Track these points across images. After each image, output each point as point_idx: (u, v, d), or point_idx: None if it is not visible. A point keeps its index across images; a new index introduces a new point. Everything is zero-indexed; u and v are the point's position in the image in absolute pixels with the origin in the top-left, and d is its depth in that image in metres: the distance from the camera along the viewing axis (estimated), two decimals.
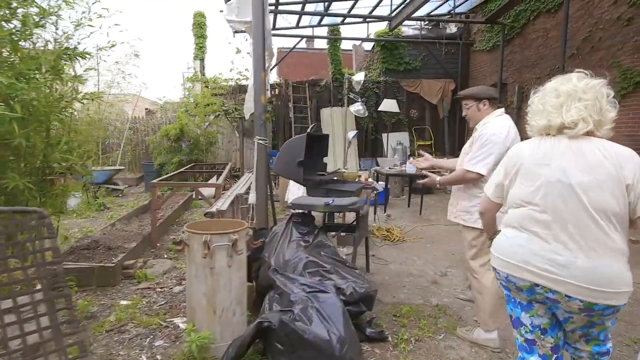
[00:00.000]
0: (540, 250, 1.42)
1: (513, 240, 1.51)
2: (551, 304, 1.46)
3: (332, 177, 3.48)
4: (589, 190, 1.39)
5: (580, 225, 1.39)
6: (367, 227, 3.47)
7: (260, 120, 2.72)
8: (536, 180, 1.47)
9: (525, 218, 1.49)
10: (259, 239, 2.83)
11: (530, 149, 1.55)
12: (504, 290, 1.62)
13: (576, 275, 1.36)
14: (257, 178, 2.78)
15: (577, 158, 1.43)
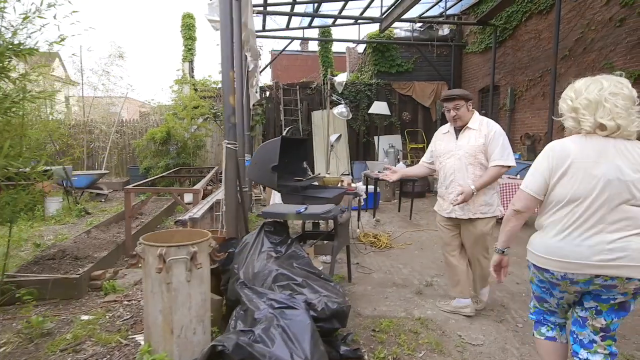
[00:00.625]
0: (597, 244, 1.52)
1: (565, 241, 1.58)
2: (604, 290, 1.56)
3: (311, 183, 3.31)
4: (638, 186, 1.52)
5: (631, 215, 1.52)
6: (347, 235, 3.31)
7: (228, 122, 2.55)
8: (592, 179, 1.54)
9: (576, 215, 1.56)
10: (228, 249, 2.65)
11: (579, 147, 1.60)
12: (539, 283, 1.75)
13: (632, 256, 1.49)
14: (226, 184, 2.60)
15: (628, 157, 1.54)
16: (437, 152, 2.96)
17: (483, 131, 2.75)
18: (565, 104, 1.70)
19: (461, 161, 2.78)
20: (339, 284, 3.36)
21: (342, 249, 3.37)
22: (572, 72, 7.14)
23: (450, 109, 2.79)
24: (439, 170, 2.95)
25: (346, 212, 3.22)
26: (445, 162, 2.87)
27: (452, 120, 2.84)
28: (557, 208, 1.63)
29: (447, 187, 2.86)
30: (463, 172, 2.77)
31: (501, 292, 3.45)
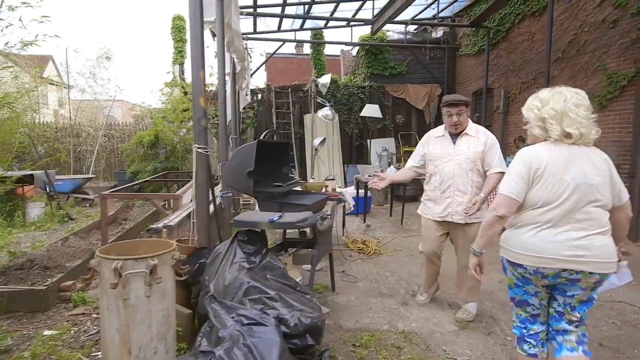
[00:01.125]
0: (565, 240, 1.66)
1: (538, 238, 1.70)
2: (568, 284, 1.72)
3: (291, 188, 3.16)
4: (600, 189, 1.69)
5: (594, 215, 1.68)
6: (329, 243, 3.16)
7: (198, 125, 2.40)
8: (563, 183, 1.68)
9: (548, 215, 1.70)
10: (199, 260, 2.50)
11: (550, 154, 1.72)
12: (516, 280, 1.84)
13: (596, 253, 1.65)
14: (196, 191, 2.46)
15: (590, 163, 1.70)
16: (432, 155, 2.92)
17: (482, 139, 2.82)
18: (533, 113, 1.81)
19: (461, 167, 2.80)
20: (317, 296, 3.22)
21: (325, 257, 3.23)
22: (566, 75, 7.05)
23: (454, 114, 2.80)
24: (434, 173, 2.90)
25: (328, 219, 3.08)
26: (443, 166, 2.85)
27: (453, 125, 2.83)
28: (531, 209, 1.75)
29: (444, 191, 2.85)
30: (463, 178, 2.80)
31: (491, 302, 3.31)
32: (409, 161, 3.16)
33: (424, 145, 3.03)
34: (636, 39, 5.67)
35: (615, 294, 3.46)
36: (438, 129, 3.03)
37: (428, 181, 2.99)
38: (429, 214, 2.97)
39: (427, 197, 3.00)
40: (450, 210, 2.84)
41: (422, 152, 3.01)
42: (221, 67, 4.25)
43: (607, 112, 6.22)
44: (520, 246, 1.74)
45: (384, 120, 10.88)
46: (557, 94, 1.77)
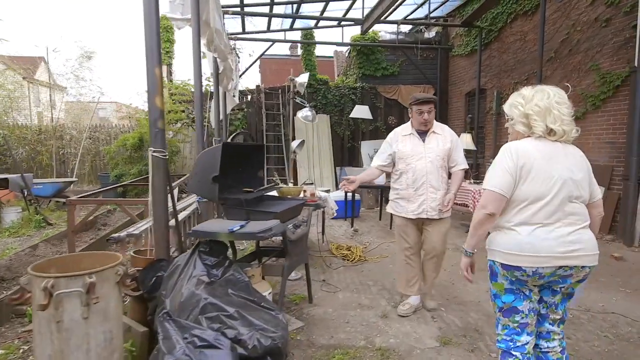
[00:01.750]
0: (559, 236, 1.65)
1: (534, 236, 1.66)
2: (560, 280, 1.71)
3: (263, 194, 2.97)
4: (582, 183, 1.71)
5: (577, 210, 1.70)
6: (304, 253, 2.97)
7: (155, 127, 2.21)
8: (551, 179, 1.67)
9: (540, 213, 1.67)
10: (157, 273, 2.31)
11: (536, 149, 1.70)
12: (509, 285, 1.76)
13: (585, 247, 1.67)
14: (153, 198, 2.26)
15: (573, 160, 1.73)
16: (402, 153, 2.95)
17: (448, 137, 2.95)
18: (517, 109, 1.79)
19: (433, 164, 2.88)
20: (293, 308, 3.02)
21: (300, 266, 3.03)
22: (558, 75, 6.90)
23: (425, 112, 2.87)
24: (406, 172, 2.93)
25: (303, 226, 2.89)
26: (415, 164, 2.90)
27: (423, 123, 2.91)
28: (522, 207, 1.70)
29: (418, 188, 2.90)
30: (435, 174, 2.88)
31: (477, 313, 3.12)
32: (374, 160, 3.14)
33: (391, 143, 3.03)
34: (630, 37, 5.52)
35: (608, 305, 3.29)
36: (405, 127, 3.05)
37: (398, 179, 3.00)
38: (402, 212, 2.99)
39: (398, 195, 3.00)
40: (425, 206, 2.90)
41: (390, 150, 3.01)
42: (197, 66, 4.05)
43: (600, 112, 6.06)
44: (517, 247, 1.68)
45: (375, 122, 10.70)
46: (540, 91, 1.77)
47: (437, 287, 3.67)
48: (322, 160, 10.14)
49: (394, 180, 3.05)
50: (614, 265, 4.37)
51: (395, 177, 3.03)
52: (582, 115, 6.33)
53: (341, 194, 6.69)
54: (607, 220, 5.75)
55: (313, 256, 4.47)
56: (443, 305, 3.28)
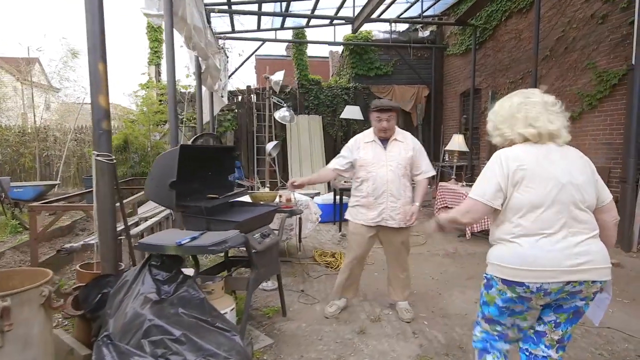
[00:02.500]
0: (565, 248, 1.49)
1: (537, 248, 1.51)
2: (568, 297, 1.55)
3: (228, 200, 2.75)
4: (585, 187, 1.56)
5: (584, 218, 1.54)
6: (274, 264, 2.75)
7: (99, 129, 2.00)
8: (548, 183, 1.53)
9: (541, 222, 1.52)
10: (102, 290, 2.09)
11: (527, 154, 1.59)
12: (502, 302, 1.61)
13: (595, 259, 1.50)
14: (98, 208, 2.04)
15: (571, 162, 1.60)
16: (363, 161, 2.88)
17: (410, 144, 2.89)
18: (490, 125, 1.76)
19: (395, 172, 2.82)
20: (265, 322, 2.80)
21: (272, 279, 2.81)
22: (554, 74, 6.69)
23: (383, 120, 2.80)
24: (367, 179, 2.86)
25: (272, 235, 2.67)
26: (377, 172, 2.83)
27: (382, 130, 2.83)
28: (520, 216, 1.56)
29: (378, 197, 2.84)
30: (396, 183, 2.82)
31: (462, 327, 2.90)
32: (332, 162, 3.05)
33: (352, 150, 2.97)
34: (627, 34, 5.31)
35: (603, 318, 3.05)
36: (367, 134, 2.97)
37: (359, 187, 2.93)
38: (360, 220, 2.93)
39: (358, 203, 2.95)
40: (385, 215, 2.85)
41: (351, 157, 2.95)
42: (169, 64, 3.84)
43: (597, 112, 5.85)
44: (519, 261, 1.52)
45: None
46: (506, 100, 1.72)
47: (423, 298, 3.46)
48: (314, 162, 9.93)
49: (354, 187, 2.99)
50: (614, 272, 4.16)
51: (356, 184, 2.96)
52: (578, 116, 6.13)
53: (330, 197, 6.47)
54: None
55: (294, 264, 4.26)
56: (427, 318, 3.06)
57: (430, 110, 10.52)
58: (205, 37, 5.35)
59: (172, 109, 3.88)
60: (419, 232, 5.91)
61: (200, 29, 4.97)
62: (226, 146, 3.18)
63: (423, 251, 5.02)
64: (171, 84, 3.96)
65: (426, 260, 4.66)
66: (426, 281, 3.93)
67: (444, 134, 10.39)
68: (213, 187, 2.92)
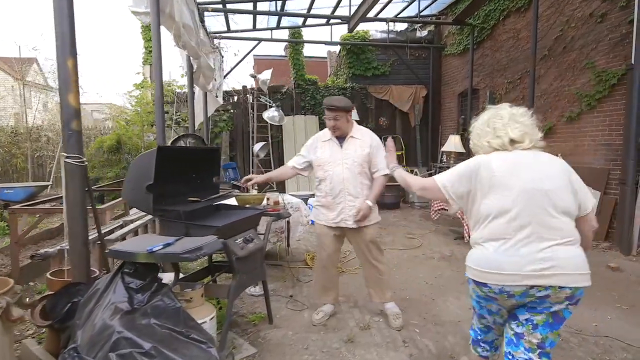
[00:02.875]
0: (529, 253, 1.54)
1: (501, 252, 1.58)
2: (538, 301, 1.57)
3: (211, 203, 2.65)
4: (557, 193, 1.59)
5: (554, 223, 1.56)
6: (258, 270, 2.64)
7: (68, 129, 1.90)
8: (512, 190, 1.59)
9: (506, 227, 1.58)
10: (72, 299, 1.98)
11: (500, 161, 1.66)
12: (477, 298, 1.75)
13: (562, 265, 1.53)
14: (68, 214, 1.94)
15: (541, 167, 1.64)
16: (320, 160, 2.86)
17: (367, 141, 2.82)
18: (471, 143, 1.88)
19: (351, 170, 2.77)
20: (250, 330, 2.70)
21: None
22: (552, 73, 6.59)
23: (331, 119, 2.76)
24: (324, 179, 2.84)
25: (256, 240, 2.57)
26: (333, 170, 2.80)
27: (331, 129, 2.81)
28: (488, 221, 1.64)
29: (336, 196, 2.80)
30: (353, 181, 2.77)
31: (455, 336, 2.80)
32: (292, 160, 3.04)
33: (309, 149, 2.95)
34: (626, 33, 5.21)
35: (602, 324, 2.96)
36: (325, 133, 2.93)
37: (318, 186, 2.91)
38: (323, 220, 2.91)
39: (319, 203, 2.93)
40: (344, 215, 2.81)
41: (309, 157, 2.93)
42: (156, 61, 3.74)
43: (595, 113, 5.75)
44: (485, 264, 1.62)
45: (366, 123, 10.39)
46: (479, 120, 1.86)
47: (416, 304, 3.36)
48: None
49: (315, 187, 2.98)
50: (609, 277, 4.06)
51: (316, 184, 2.95)
52: (577, 116, 6.03)
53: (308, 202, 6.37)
54: (604, 227, 5.43)
55: (285, 268, 4.16)
56: (419, 325, 2.96)
57: (428, 111, 10.42)
58: (196, 36, 5.24)
59: (160, 108, 3.78)
60: (414, 235, 5.82)
61: (191, 27, 4.87)
62: (209, 147, 3.08)
63: (418, 254, 4.91)
64: (158, 83, 3.85)
65: (421, 263, 4.56)
66: (420, 286, 3.83)
67: (441, 135, 10.28)
68: (198, 190, 2.82)
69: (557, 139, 6.46)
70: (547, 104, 6.68)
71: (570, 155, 6.19)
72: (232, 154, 9.86)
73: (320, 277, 3.04)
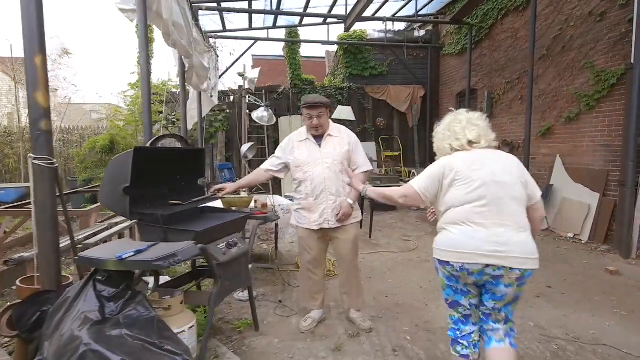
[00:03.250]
0: (486, 236, 1.77)
1: (462, 234, 1.80)
2: (494, 282, 1.81)
3: (196, 206, 2.55)
4: (511, 186, 1.84)
5: (509, 212, 1.81)
6: (242, 275, 2.53)
7: (36, 129, 1.80)
8: (474, 182, 1.83)
9: (468, 214, 1.81)
10: (42, 308, 1.89)
11: (461, 160, 1.91)
12: (447, 280, 1.93)
13: (514, 249, 1.76)
14: (36, 218, 1.84)
15: (498, 163, 1.89)
16: (299, 161, 2.75)
17: (345, 138, 2.77)
18: (434, 146, 2.09)
19: (331, 169, 2.69)
20: (235, 337, 2.59)
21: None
22: (551, 73, 6.49)
23: (314, 117, 2.68)
24: (304, 180, 2.72)
25: (240, 244, 2.47)
26: (313, 171, 2.69)
27: (313, 128, 2.71)
28: (452, 208, 1.86)
29: (317, 197, 2.70)
30: (334, 181, 2.70)
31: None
32: (266, 163, 2.90)
33: (285, 151, 2.84)
34: (626, 32, 5.12)
35: (601, 331, 2.87)
36: (300, 132, 2.83)
37: (298, 188, 2.80)
38: (305, 224, 2.79)
39: (300, 205, 2.80)
40: (326, 216, 2.72)
41: (285, 159, 2.82)
42: (144, 58, 3.64)
43: (594, 113, 5.65)
44: (446, 244, 1.83)
45: (364, 123, 10.31)
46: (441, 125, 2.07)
47: (408, 310, 3.26)
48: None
49: (294, 189, 2.86)
50: (608, 281, 3.95)
51: (295, 186, 2.83)
52: (576, 117, 5.93)
53: None
54: (603, 229, 5.34)
55: (275, 272, 4.06)
56: (410, 332, 2.86)
57: (426, 111, 10.32)
58: (188, 35, 5.15)
59: (147, 108, 3.68)
60: (409, 237, 5.72)
61: (182, 26, 4.77)
62: (193, 148, 2.99)
63: (413, 257, 4.82)
64: (145, 82, 3.75)
65: (415, 267, 4.46)
66: (413, 290, 3.73)
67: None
68: (182, 193, 2.73)
69: (556, 140, 6.37)
70: (546, 104, 6.58)
71: (568, 156, 6.09)
72: (229, 155, 9.77)
73: (306, 282, 2.93)
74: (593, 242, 5.42)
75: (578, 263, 4.60)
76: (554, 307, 3.32)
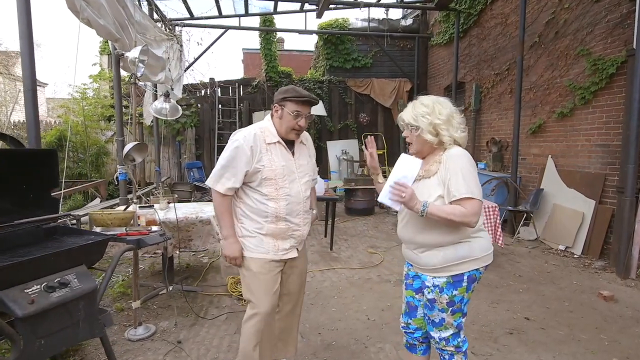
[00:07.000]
0: None
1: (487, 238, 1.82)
2: None
3: (40, 225, 1.87)
4: None
5: None
6: (78, 327, 1.82)
7: None
8: None
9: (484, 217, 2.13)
10: None
11: None
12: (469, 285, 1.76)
13: None
14: None
15: None
16: (271, 172, 1.94)
17: (311, 147, 2.23)
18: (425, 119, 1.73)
19: (307, 185, 2.11)
20: None
21: None
22: (543, 63, 5.74)
23: (304, 116, 1.98)
24: (276, 199, 1.96)
25: (73, 284, 1.78)
26: (290, 187, 1.99)
27: (296, 131, 2.00)
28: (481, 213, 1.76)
29: (292, 220, 2.02)
30: (308, 201, 2.11)
31: None
32: (224, 182, 1.94)
33: (252, 155, 1.92)
34: (627, 13, 4.37)
35: None
36: (266, 132, 1.98)
37: (258, 207, 1.98)
38: (268, 255, 2.00)
39: (263, 231, 1.99)
40: (297, 240, 2.07)
41: (250, 167, 1.92)
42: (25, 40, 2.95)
43: (591, 108, 4.91)
44: (488, 247, 1.79)
45: (345, 120, 9.59)
46: (437, 103, 1.75)
47: (339, 356, 2.56)
48: None
49: (250, 208, 1.99)
50: (601, 312, 3.24)
51: (254, 204, 1.99)
52: (570, 112, 5.19)
53: None
54: (598, 242, 4.61)
55: (199, 295, 3.38)
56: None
57: None
58: (120, 16, 4.44)
59: (30, 101, 3.01)
60: (377, 249, 5.02)
61: (101, 4, 4.07)
62: (45, 149, 2.30)
63: (372, 275, 4.11)
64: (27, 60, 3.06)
65: (371, 289, 3.76)
66: (356, 324, 3.03)
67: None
68: (28, 207, 2.05)
69: (547, 138, 5.62)
70: (537, 98, 5.83)
71: (561, 157, 5.36)
72: (199, 153, 9.09)
73: (257, 340, 2.01)
74: (587, 256, 4.70)
75: (567, 284, 3.89)
76: (528, 351, 2.63)
